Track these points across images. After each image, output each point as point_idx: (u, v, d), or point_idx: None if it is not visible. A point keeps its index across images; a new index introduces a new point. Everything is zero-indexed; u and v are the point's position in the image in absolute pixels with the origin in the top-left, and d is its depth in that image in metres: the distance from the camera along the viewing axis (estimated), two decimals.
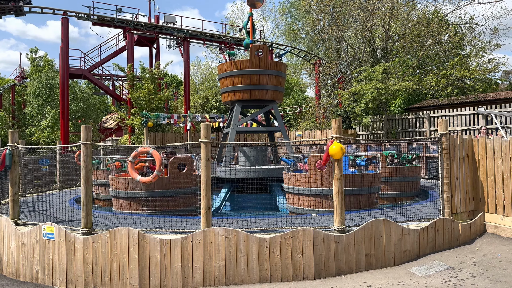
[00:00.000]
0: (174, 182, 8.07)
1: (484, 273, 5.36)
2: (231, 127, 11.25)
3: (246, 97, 11.12)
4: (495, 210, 7.11)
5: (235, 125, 11.21)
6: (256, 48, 11.01)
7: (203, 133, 5.73)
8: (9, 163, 7.02)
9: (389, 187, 10.18)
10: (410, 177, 10.38)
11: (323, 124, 24.90)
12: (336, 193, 5.77)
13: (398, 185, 10.15)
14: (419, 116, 20.51)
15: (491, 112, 13.98)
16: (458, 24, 26.94)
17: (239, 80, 11.05)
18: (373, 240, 5.84)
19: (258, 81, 10.96)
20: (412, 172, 10.49)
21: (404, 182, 10.23)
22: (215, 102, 30.29)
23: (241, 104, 11.52)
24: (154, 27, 26.02)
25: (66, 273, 5.95)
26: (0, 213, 7.68)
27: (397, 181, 10.18)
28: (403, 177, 10.26)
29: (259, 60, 10.97)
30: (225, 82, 11.41)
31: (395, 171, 10.26)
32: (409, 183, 10.33)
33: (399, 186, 10.16)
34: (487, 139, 7.23)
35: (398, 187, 10.16)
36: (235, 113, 11.37)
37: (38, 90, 29.62)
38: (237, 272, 5.50)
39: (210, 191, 5.74)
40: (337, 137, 5.85)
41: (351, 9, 26.11)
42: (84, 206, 6.00)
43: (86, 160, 6.01)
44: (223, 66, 11.35)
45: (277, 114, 11.70)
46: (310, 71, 31.83)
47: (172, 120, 19.99)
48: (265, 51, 10.96)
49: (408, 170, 10.39)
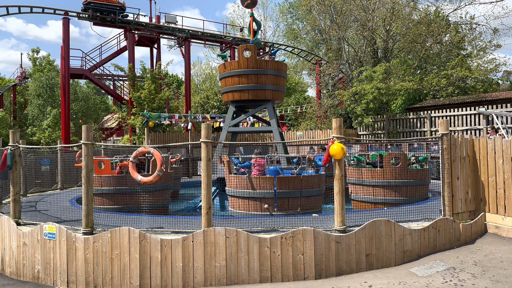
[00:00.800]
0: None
1: (485, 273, 5.36)
2: (223, 127, 11.30)
3: (245, 97, 11.11)
4: (496, 210, 7.10)
5: (227, 126, 11.26)
6: (243, 48, 11.05)
7: (204, 133, 5.74)
8: (10, 163, 7.04)
9: (392, 191, 8.98)
10: (416, 180, 9.14)
11: (324, 124, 24.89)
12: (337, 193, 5.77)
13: (401, 190, 8.91)
14: (420, 116, 20.50)
15: (492, 112, 13.97)
16: (459, 24, 26.92)
17: (238, 80, 11.05)
18: (374, 240, 5.84)
19: (258, 81, 10.95)
20: (420, 174, 9.23)
21: (409, 186, 8.99)
22: (216, 102, 30.30)
23: (235, 104, 11.58)
24: (155, 27, 26.04)
25: (67, 273, 5.95)
26: (1, 213, 7.70)
27: (400, 186, 8.94)
28: (408, 180, 9.02)
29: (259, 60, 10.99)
30: (225, 82, 11.42)
31: (399, 174, 8.96)
32: (414, 188, 9.06)
33: (402, 190, 8.91)
34: (488, 139, 7.22)
35: (401, 192, 8.93)
36: (229, 113, 11.44)
37: (39, 90, 29.68)
38: (238, 272, 5.50)
39: (211, 190, 5.75)
40: (338, 137, 5.85)
41: (352, 9, 26.10)
42: (85, 206, 6.01)
43: (87, 160, 6.02)
44: (223, 66, 11.36)
45: (271, 113, 11.62)
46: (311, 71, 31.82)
47: (173, 120, 20.00)
48: (252, 51, 10.95)
49: (415, 172, 9.12)
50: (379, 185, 9.05)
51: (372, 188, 9.11)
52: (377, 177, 9.09)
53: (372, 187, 9.12)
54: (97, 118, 33.56)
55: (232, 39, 28.81)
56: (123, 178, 8.74)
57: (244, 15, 43.78)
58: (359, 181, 9.37)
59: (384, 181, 9.03)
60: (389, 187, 9.03)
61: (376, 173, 9.12)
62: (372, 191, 9.10)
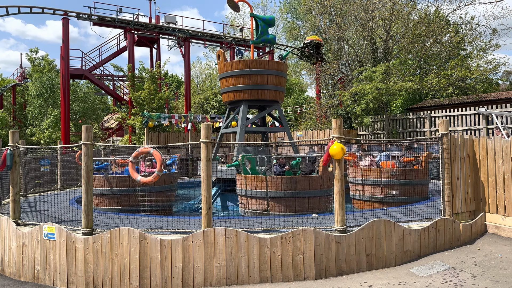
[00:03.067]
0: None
1: (485, 273, 5.36)
2: (239, 127, 11.04)
3: (246, 97, 11.11)
4: (496, 210, 7.10)
5: (243, 125, 11.02)
6: (218, 53, 11.41)
7: (204, 133, 5.73)
8: (10, 163, 7.03)
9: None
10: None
11: (324, 124, 24.88)
12: (337, 193, 5.77)
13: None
14: (420, 116, 20.49)
15: (492, 112, 13.97)
16: (459, 24, 26.91)
17: (239, 80, 11.05)
18: (374, 240, 5.84)
19: (258, 81, 10.97)
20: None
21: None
22: (215, 102, 30.30)
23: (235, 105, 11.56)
24: (154, 27, 26.04)
25: (67, 273, 5.95)
26: (1, 213, 7.69)
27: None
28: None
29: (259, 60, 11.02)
30: (224, 82, 11.41)
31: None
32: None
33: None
34: (488, 139, 7.22)
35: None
36: (242, 113, 11.14)
37: (39, 91, 29.66)
38: (238, 272, 5.50)
39: (211, 191, 5.74)
40: (338, 137, 5.84)
41: (352, 9, 26.08)
42: (85, 206, 6.01)
43: (87, 160, 6.01)
44: (222, 66, 11.35)
45: (281, 114, 11.75)
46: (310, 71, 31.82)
47: (172, 121, 19.99)
48: (221, 55, 11.25)
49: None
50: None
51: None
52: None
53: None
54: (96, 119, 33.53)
55: (232, 39, 28.81)
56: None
57: (244, 15, 43.81)
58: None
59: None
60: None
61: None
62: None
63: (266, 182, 7.72)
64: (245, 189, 8.02)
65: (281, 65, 11.34)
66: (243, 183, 8.09)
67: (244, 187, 8.05)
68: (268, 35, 11.31)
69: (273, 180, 7.70)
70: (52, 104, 29.33)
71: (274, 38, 11.48)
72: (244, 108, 11.23)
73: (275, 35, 11.24)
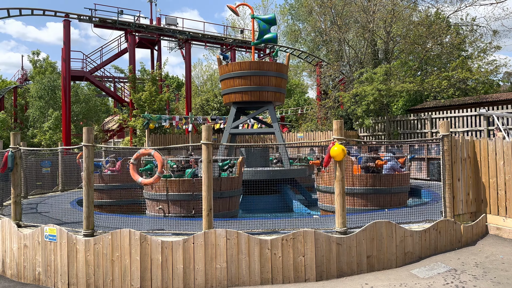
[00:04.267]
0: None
1: (486, 275, 5.35)
2: (224, 129, 11.31)
3: (246, 98, 11.13)
4: (497, 212, 7.09)
5: (229, 127, 11.24)
6: (218, 57, 11.86)
7: (205, 135, 5.74)
8: (11, 165, 7.04)
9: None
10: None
11: (324, 125, 24.88)
12: (338, 194, 5.77)
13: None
14: (421, 118, 20.47)
15: (493, 113, 13.95)
16: (460, 25, 26.91)
17: (239, 82, 11.07)
18: (375, 242, 5.83)
19: (259, 82, 10.98)
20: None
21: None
22: (216, 103, 30.32)
23: (237, 106, 11.60)
24: (155, 29, 26.09)
25: (68, 275, 5.95)
26: (2, 215, 7.70)
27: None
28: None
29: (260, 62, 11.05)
30: (225, 83, 11.43)
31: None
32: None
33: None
34: (489, 141, 7.21)
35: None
36: (230, 115, 11.46)
37: (41, 92, 29.68)
38: (238, 274, 5.50)
39: (212, 192, 5.74)
40: (339, 139, 5.84)
41: (352, 10, 26.10)
42: (86, 208, 6.01)
43: (88, 162, 6.02)
44: (224, 68, 11.37)
45: (273, 115, 11.67)
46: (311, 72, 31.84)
47: (173, 122, 20.01)
48: (218, 61, 11.75)
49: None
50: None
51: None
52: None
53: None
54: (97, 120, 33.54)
55: (233, 40, 28.85)
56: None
57: (245, 16, 43.84)
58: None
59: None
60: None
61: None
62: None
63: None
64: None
65: (281, 66, 11.35)
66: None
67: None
68: (268, 34, 11.30)
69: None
70: (53, 105, 29.34)
71: (275, 36, 11.36)
72: (233, 110, 11.39)
73: (276, 33, 11.10)
